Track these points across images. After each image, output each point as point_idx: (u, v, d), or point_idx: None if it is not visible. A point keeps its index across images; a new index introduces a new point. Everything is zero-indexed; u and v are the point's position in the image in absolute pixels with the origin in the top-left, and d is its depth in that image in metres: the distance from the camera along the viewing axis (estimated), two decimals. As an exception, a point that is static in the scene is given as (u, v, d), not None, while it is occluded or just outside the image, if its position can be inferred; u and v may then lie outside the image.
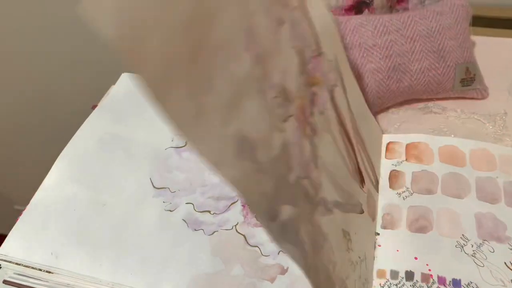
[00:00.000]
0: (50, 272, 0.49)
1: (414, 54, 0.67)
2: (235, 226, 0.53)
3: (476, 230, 0.53)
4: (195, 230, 0.53)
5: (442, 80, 0.68)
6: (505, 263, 0.50)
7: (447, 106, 0.70)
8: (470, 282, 0.49)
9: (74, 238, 0.51)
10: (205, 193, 0.57)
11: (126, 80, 0.68)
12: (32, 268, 0.49)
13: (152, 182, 0.58)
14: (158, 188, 0.57)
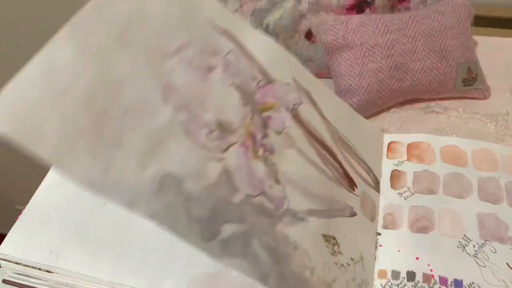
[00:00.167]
0: (49, 271, 0.49)
1: (415, 53, 0.66)
2: None
3: (478, 230, 0.52)
4: None
5: (444, 79, 0.68)
6: (507, 264, 0.50)
7: (449, 106, 0.70)
8: (472, 283, 0.48)
9: (74, 238, 0.50)
10: None
11: None
12: (31, 267, 0.49)
13: None
14: None
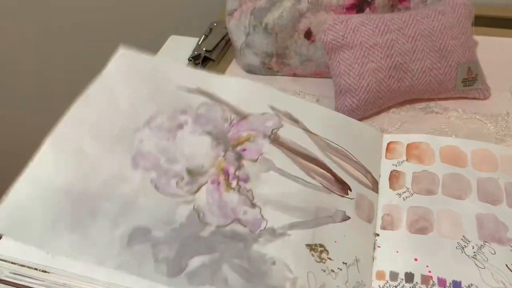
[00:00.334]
0: (46, 271, 0.48)
1: (415, 53, 0.66)
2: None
3: (477, 231, 0.52)
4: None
5: (443, 79, 0.67)
6: (506, 265, 0.49)
7: (449, 106, 0.69)
8: (471, 284, 0.48)
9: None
10: None
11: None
12: (27, 267, 0.49)
13: None
14: None
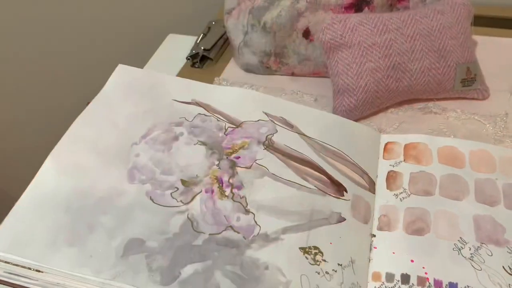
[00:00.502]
0: (40, 271, 0.48)
1: (414, 53, 0.66)
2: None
3: (474, 233, 0.52)
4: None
5: (442, 80, 0.67)
6: (503, 267, 0.49)
7: (447, 106, 0.69)
8: (467, 286, 0.48)
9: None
10: None
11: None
12: (21, 267, 0.48)
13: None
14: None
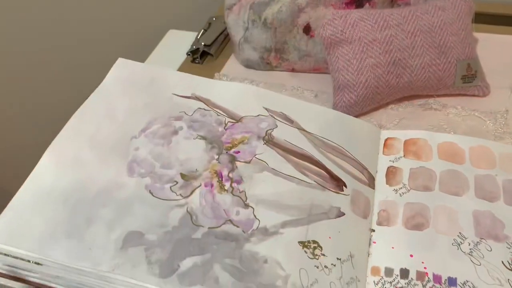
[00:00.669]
0: (39, 263, 0.48)
1: (414, 49, 0.66)
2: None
3: (473, 228, 0.52)
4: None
5: (442, 76, 0.67)
6: (502, 262, 0.49)
7: (448, 103, 0.69)
8: (466, 281, 0.48)
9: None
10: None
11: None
12: (21, 259, 0.48)
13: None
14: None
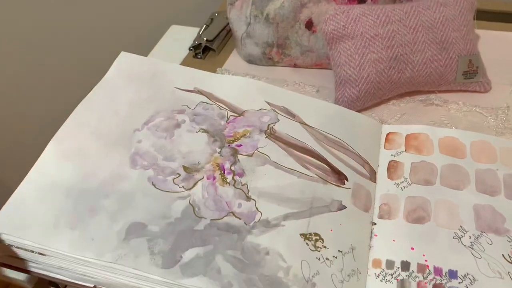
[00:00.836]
0: (42, 254, 0.48)
1: (416, 44, 0.66)
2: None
3: (474, 221, 0.52)
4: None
5: (444, 72, 0.67)
6: (502, 255, 0.49)
7: (449, 98, 0.69)
8: (467, 274, 0.48)
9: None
10: None
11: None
12: (24, 249, 0.49)
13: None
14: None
